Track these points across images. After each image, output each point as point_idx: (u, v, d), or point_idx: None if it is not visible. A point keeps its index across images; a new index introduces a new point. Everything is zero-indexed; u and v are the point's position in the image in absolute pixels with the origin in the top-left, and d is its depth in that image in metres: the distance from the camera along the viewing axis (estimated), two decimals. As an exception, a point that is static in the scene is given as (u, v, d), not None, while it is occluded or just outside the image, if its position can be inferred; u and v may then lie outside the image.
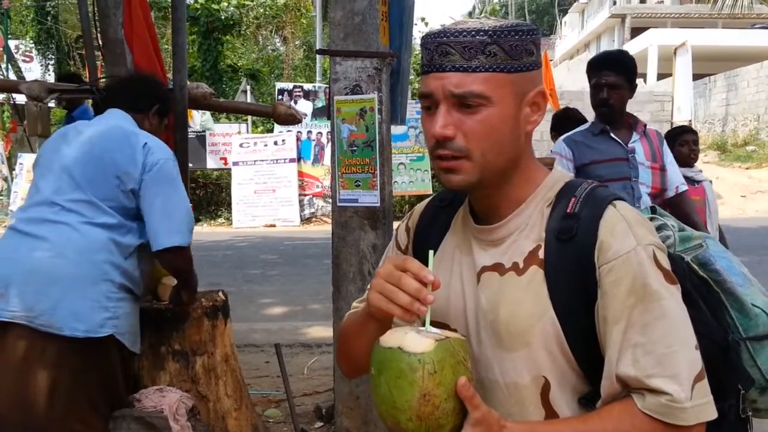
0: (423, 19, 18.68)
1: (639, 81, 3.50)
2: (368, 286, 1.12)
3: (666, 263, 1.06)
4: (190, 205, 2.60)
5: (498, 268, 1.13)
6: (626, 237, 1.04)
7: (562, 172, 1.19)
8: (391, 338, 1.01)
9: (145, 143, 2.41)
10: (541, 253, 1.09)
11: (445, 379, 0.95)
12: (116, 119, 2.54)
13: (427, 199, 1.33)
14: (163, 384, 2.75)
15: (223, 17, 18.69)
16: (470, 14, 35.93)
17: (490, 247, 1.15)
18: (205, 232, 13.20)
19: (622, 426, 1.01)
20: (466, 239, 1.19)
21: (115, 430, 2.38)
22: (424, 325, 1.03)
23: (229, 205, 14.46)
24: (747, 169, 17.79)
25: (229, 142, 14.45)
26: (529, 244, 1.11)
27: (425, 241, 1.26)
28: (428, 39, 1.08)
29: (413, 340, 0.97)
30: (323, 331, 5.64)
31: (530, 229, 1.12)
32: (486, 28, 1.05)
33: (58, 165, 2.40)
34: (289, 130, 13.91)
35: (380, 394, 0.99)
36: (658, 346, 1.01)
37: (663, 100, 15.83)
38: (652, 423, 1.00)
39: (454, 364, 0.96)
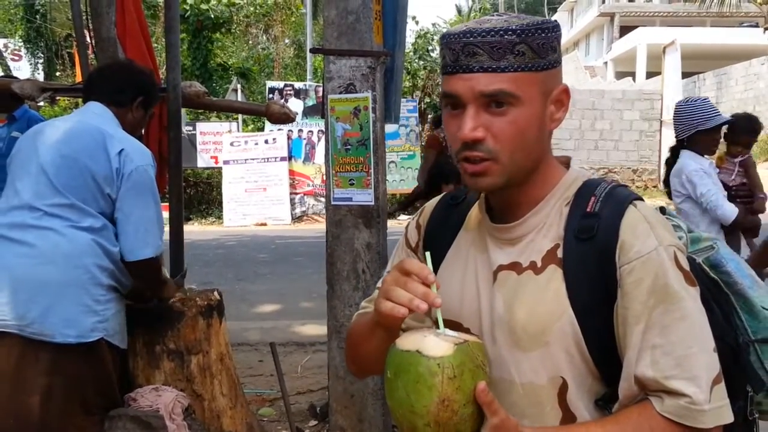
0: (413, 18, 18.57)
1: (628, 79, 3.55)
2: (376, 289, 1.10)
3: (686, 264, 1.05)
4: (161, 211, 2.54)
5: (515, 267, 1.12)
6: (648, 237, 1.04)
7: (579, 171, 1.18)
8: (408, 341, 0.98)
9: (122, 149, 2.33)
10: (559, 252, 1.08)
11: (465, 384, 0.94)
12: (94, 117, 2.43)
13: (439, 197, 1.31)
14: (158, 383, 2.74)
15: (212, 15, 18.60)
16: (459, 12, 35.95)
17: (506, 246, 1.14)
18: (196, 230, 13.13)
19: (640, 430, 1.00)
20: (482, 237, 1.18)
21: (111, 429, 2.38)
22: (437, 325, 1.01)
23: (220, 203, 14.42)
24: (735, 166, 17.87)
25: (220, 141, 14.41)
26: (547, 243, 1.10)
27: (437, 238, 1.24)
28: (452, 39, 1.05)
29: (432, 344, 0.95)
30: (316, 330, 5.65)
31: (548, 227, 1.11)
32: (514, 27, 1.02)
33: (35, 166, 2.31)
34: (279, 129, 13.89)
35: (397, 397, 0.96)
36: (677, 348, 1.00)
37: (652, 98, 15.90)
38: (671, 426, 0.99)
39: (473, 369, 0.95)
